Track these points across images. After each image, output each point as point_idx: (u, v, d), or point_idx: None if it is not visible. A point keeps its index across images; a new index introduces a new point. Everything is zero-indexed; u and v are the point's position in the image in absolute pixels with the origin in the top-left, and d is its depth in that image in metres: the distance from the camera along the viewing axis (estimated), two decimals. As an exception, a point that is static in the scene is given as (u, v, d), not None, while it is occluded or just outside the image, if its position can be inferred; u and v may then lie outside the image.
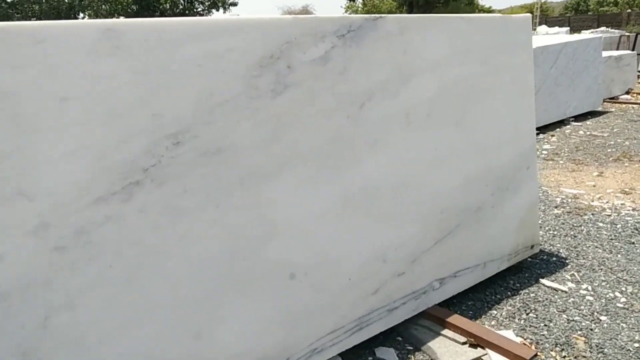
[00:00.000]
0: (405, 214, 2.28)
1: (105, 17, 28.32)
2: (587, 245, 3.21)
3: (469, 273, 2.59)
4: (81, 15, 30.85)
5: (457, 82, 2.40)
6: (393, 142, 2.19)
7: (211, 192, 1.70)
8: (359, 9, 38.80)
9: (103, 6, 29.34)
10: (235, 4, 30.37)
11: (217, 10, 30.43)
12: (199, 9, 29.55)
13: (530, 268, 2.94)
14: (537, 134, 6.01)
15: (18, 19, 28.03)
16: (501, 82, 2.61)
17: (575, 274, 2.85)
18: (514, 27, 2.65)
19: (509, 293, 2.68)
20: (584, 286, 2.71)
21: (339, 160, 2.01)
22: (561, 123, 7.00)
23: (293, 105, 1.86)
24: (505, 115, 2.66)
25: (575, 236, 3.36)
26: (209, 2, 29.77)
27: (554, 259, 3.06)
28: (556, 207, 3.92)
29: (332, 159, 1.99)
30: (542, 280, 2.79)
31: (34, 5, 28.91)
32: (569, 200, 4.06)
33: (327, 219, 2.00)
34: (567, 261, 3.02)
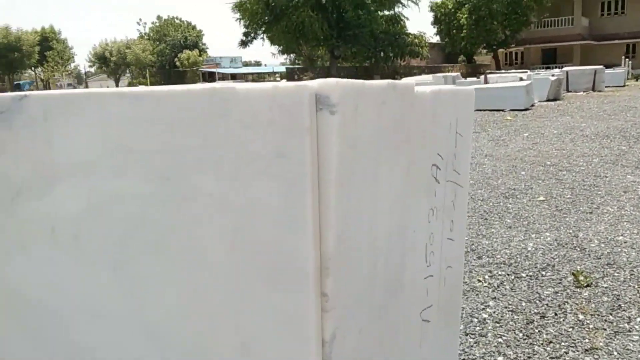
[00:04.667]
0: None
1: None
2: None
3: None
4: None
5: (114, 204, 1.39)
6: (38, 255, 1.66)
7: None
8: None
9: None
10: None
11: None
12: None
13: None
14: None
15: None
16: (206, 229, 1.19)
17: None
18: (240, 118, 1.09)
19: None
20: None
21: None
22: None
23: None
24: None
25: None
26: None
27: None
28: None
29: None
30: None
31: None
32: None
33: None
34: None
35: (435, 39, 49.98)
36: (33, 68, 49.34)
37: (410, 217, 1.40)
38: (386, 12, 33.26)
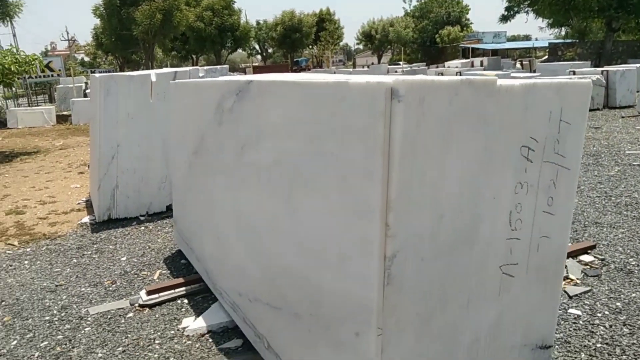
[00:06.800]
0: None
1: None
2: None
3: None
4: None
5: (286, 156, 2.09)
6: (251, 190, 2.49)
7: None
8: None
9: None
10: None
11: None
12: None
13: None
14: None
15: None
16: (328, 176, 1.78)
17: None
18: (350, 103, 1.62)
19: None
20: None
21: (234, 182, 2.75)
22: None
23: (224, 134, 2.87)
24: (330, 225, 1.77)
25: None
26: None
27: None
28: None
29: (232, 178, 2.78)
30: None
31: None
32: None
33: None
34: None
35: None
36: (309, 47, 56.49)
37: (488, 186, 1.74)
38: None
